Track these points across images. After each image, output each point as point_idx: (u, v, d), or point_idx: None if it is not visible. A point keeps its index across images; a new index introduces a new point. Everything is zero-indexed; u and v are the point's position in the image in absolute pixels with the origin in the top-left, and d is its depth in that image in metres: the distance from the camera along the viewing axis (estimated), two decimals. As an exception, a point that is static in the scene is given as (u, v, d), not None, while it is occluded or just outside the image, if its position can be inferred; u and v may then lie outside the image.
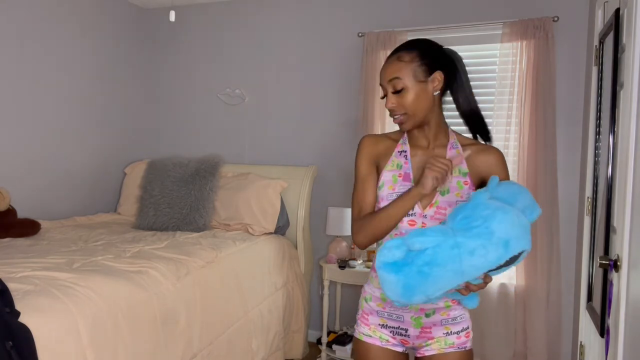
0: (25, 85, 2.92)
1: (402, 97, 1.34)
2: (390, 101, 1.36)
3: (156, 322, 1.90)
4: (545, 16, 2.69)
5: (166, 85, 3.79)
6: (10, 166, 2.84)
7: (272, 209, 3.07)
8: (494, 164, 1.39)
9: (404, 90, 1.34)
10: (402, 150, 1.44)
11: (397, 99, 1.35)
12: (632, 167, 1.28)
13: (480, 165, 1.39)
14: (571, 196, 2.76)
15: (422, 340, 1.40)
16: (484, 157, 1.39)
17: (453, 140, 1.42)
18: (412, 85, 1.33)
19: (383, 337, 1.42)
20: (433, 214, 1.35)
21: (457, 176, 1.36)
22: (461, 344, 1.39)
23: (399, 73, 1.34)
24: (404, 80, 1.33)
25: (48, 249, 2.27)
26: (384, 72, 1.37)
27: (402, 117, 1.36)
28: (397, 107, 1.35)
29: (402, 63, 1.35)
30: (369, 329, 1.44)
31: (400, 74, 1.34)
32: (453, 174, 1.35)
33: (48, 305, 1.55)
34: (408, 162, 1.40)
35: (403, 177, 1.39)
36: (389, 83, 1.35)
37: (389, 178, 1.40)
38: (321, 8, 3.32)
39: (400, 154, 1.43)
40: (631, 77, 1.31)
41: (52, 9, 3.07)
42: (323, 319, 2.96)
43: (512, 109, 2.77)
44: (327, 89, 3.29)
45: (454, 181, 1.36)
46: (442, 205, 1.35)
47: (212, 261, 2.38)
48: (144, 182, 3.22)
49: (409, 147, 1.43)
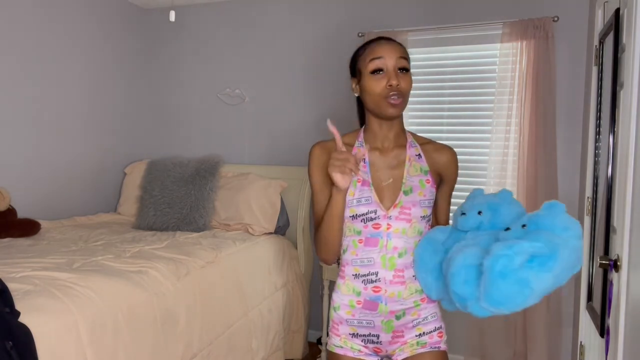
0: (24, 86, 2.92)
1: (405, 78, 1.30)
2: (396, 79, 1.28)
3: (156, 322, 1.90)
4: (545, 16, 2.69)
5: (166, 85, 3.79)
6: (10, 166, 2.83)
7: (272, 209, 3.07)
8: (449, 161, 1.41)
9: (408, 73, 1.31)
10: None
11: (401, 79, 1.29)
12: (632, 167, 1.28)
13: (438, 162, 1.40)
14: (571, 196, 2.76)
15: (394, 345, 1.37)
16: (439, 155, 1.41)
17: (410, 140, 1.41)
18: (410, 73, 1.34)
19: (355, 347, 1.39)
20: (397, 214, 1.32)
21: (419, 175, 1.36)
22: (434, 343, 1.37)
23: (407, 55, 1.33)
24: (409, 64, 1.32)
25: (48, 249, 2.27)
26: (393, 49, 1.31)
27: (401, 99, 1.30)
28: (401, 87, 1.29)
29: (404, 49, 1.35)
30: (340, 340, 1.40)
31: (408, 57, 1.33)
32: (411, 173, 1.35)
33: (48, 305, 1.55)
34: (366, 166, 1.37)
35: (362, 182, 1.34)
36: (399, 60, 1.30)
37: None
38: (321, 8, 3.32)
39: None
40: (631, 77, 1.31)
41: (51, 9, 3.07)
42: (323, 319, 2.96)
43: (512, 109, 2.77)
44: (327, 89, 3.29)
45: (416, 180, 1.35)
46: (406, 205, 1.33)
47: (212, 261, 2.38)
48: (144, 182, 3.22)
49: (366, 150, 1.39)
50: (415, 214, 1.33)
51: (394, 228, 1.32)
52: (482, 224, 1.28)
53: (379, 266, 1.33)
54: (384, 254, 1.33)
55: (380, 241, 1.33)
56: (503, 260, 1.08)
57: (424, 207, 1.35)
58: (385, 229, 1.32)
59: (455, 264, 1.19)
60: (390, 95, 1.29)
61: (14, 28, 2.84)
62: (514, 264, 1.07)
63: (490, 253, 1.11)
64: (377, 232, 1.33)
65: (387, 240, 1.32)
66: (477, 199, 1.32)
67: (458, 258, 1.19)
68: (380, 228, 1.32)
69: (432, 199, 1.37)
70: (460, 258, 1.19)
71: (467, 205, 1.32)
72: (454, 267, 1.19)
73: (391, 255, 1.33)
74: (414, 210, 1.33)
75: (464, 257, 1.18)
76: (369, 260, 1.34)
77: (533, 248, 1.08)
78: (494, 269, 1.09)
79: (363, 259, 1.35)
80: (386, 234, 1.32)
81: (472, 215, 1.28)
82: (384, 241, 1.33)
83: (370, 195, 1.34)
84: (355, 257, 1.36)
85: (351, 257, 1.37)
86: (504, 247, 1.10)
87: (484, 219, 1.27)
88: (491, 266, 1.09)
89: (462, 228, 1.30)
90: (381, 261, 1.33)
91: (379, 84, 1.30)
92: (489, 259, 1.10)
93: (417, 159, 1.38)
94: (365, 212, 1.33)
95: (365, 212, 1.33)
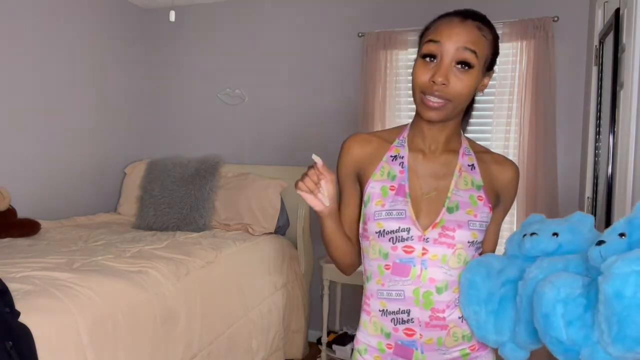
0: (24, 86, 2.92)
1: (460, 77, 0.98)
2: (445, 74, 0.97)
3: (156, 322, 1.90)
4: (545, 16, 2.69)
5: (166, 85, 3.79)
6: (11, 166, 2.83)
7: (272, 209, 3.07)
8: (511, 180, 1.11)
9: (470, 70, 0.98)
10: (397, 154, 1.11)
11: (453, 76, 0.98)
12: (632, 167, 1.28)
13: (497, 178, 1.11)
14: (571, 196, 2.76)
15: None
16: (501, 170, 1.11)
17: (465, 146, 1.12)
18: (478, 71, 1.00)
19: None
20: (437, 236, 1.02)
21: (469, 189, 1.07)
22: None
23: (476, 46, 0.99)
24: (478, 58, 0.99)
25: (48, 249, 2.27)
26: (459, 34, 0.98)
27: (443, 102, 0.99)
28: (448, 86, 0.98)
29: (483, 38, 1.01)
30: None
31: (478, 48, 0.99)
32: (460, 186, 1.07)
33: (48, 305, 1.55)
34: (404, 171, 1.08)
35: (396, 191, 1.06)
36: (460, 51, 0.97)
37: (376, 190, 1.07)
38: (321, 8, 3.32)
39: (393, 159, 1.10)
40: (631, 77, 1.31)
41: (51, 9, 3.07)
42: (323, 319, 2.96)
43: (512, 109, 2.77)
44: (327, 89, 3.29)
45: (465, 195, 1.06)
46: (448, 226, 1.03)
47: (212, 261, 2.38)
48: (144, 182, 3.23)
49: (407, 152, 1.10)
50: (461, 238, 1.03)
51: (431, 254, 1.02)
52: (561, 248, 0.96)
53: (411, 302, 1.03)
54: (417, 287, 1.03)
55: (412, 270, 1.03)
56: (634, 279, 0.76)
57: (474, 230, 1.04)
58: (419, 255, 1.02)
59: (544, 301, 0.86)
60: (429, 95, 0.99)
61: (14, 29, 2.84)
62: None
63: (608, 274, 0.78)
64: (408, 258, 1.03)
65: (422, 269, 1.02)
66: (547, 221, 1.02)
67: (547, 291, 0.86)
68: (413, 253, 1.03)
69: (484, 221, 1.06)
70: (551, 291, 0.86)
71: (536, 228, 1.00)
72: (544, 305, 0.86)
73: (426, 290, 1.02)
74: (459, 233, 1.03)
75: (556, 290, 0.86)
76: (398, 293, 1.04)
77: None
78: (622, 296, 0.76)
79: (391, 291, 1.05)
80: (420, 261, 1.02)
81: (545, 237, 0.97)
82: (418, 270, 1.03)
83: (404, 208, 1.04)
84: (381, 287, 1.07)
85: (377, 288, 1.07)
86: (627, 261, 0.77)
87: (562, 241, 0.96)
88: (617, 292, 0.77)
89: (530, 252, 0.98)
90: (414, 296, 1.03)
91: (423, 74, 1.00)
92: (609, 282, 0.78)
93: (469, 170, 1.09)
94: (396, 229, 1.04)
95: (396, 228, 1.04)
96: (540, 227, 0.99)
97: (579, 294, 0.85)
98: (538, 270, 0.93)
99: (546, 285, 0.87)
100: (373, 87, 3.03)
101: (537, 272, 0.92)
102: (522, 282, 0.94)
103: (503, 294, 0.99)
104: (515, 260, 1.02)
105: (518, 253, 1.01)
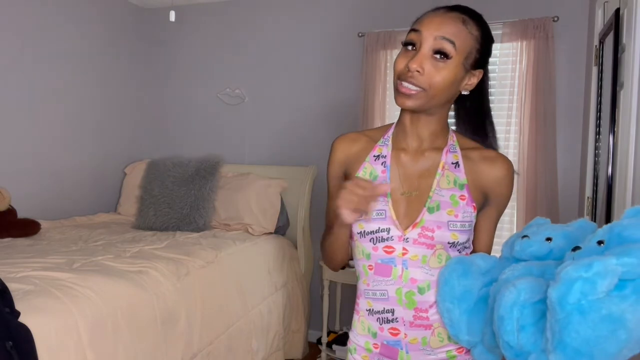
0: (24, 86, 2.92)
1: (437, 66, 0.97)
2: (420, 62, 0.96)
3: (156, 322, 1.90)
4: (545, 16, 2.69)
5: (166, 85, 3.79)
6: (11, 166, 2.83)
7: (272, 209, 3.07)
8: (502, 177, 1.06)
9: (447, 61, 0.97)
10: (380, 154, 1.10)
11: (429, 65, 0.96)
12: (632, 167, 1.28)
13: (484, 176, 1.05)
14: (571, 196, 2.76)
15: None
16: (489, 167, 1.06)
17: (452, 142, 1.09)
18: (456, 63, 0.98)
19: None
20: (417, 236, 1.01)
21: (451, 188, 1.04)
22: None
23: (456, 38, 0.97)
24: (457, 50, 0.97)
25: (48, 249, 2.27)
26: (439, 23, 0.98)
27: (417, 90, 0.97)
28: (423, 74, 0.96)
29: (465, 31, 0.99)
30: None
31: (458, 40, 0.97)
32: (442, 185, 1.04)
33: (48, 305, 1.55)
34: (386, 171, 1.07)
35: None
36: (437, 40, 0.97)
37: None
38: (321, 8, 3.32)
39: (376, 159, 1.09)
40: (631, 77, 1.31)
41: (51, 9, 3.07)
42: (323, 319, 2.96)
43: (512, 109, 2.77)
44: (327, 89, 3.29)
45: (447, 195, 1.03)
46: (428, 226, 1.01)
47: (212, 261, 2.38)
48: (144, 182, 3.23)
49: (390, 151, 1.09)
50: (440, 238, 1.01)
51: (411, 254, 1.02)
52: (552, 253, 0.91)
53: (394, 302, 1.04)
54: (399, 287, 1.04)
55: (394, 270, 1.03)
56: (579, 286, 0.72)
57: (454, 230, 1.02)
58: (399, 255, 1.03)
59: (503, 302, 0.83)
60: (403, 81, 0.98)
61: (14, 29, 2.84)
62: (597, 290, 0.71)
63: (557, 279, 0.74)
64: (389, 258, 1.03)
65: (403, 269, 1.03)
66: (545, 225, 0.98)
67: (506, 294, 0.83)
68: (394, 253, 1.03)
69: (467, 221, 1.03)
70: (511, 293, 0.83)
71: (531, 231, 0.97)
72: (502, 307, 0.83)
73: (409, 290, 1.03)
74: (438, 234, 1.01)
75: (517, 292, 0.82)
76: (382, 293, 1.06)
77: (623, 266, 0.72)
78: (565, 302, 0.72)
79: (375, 290, 1.06)
80: (401, 261, 1.03)
81: (538, 240, 0.93)
82: (399, 271, 1.03)
83: (385, 208, 1.04)
84: (367, 287, 1.08)
85: (363, 287, 1.09)
86: (577, 267, 0.73)
87: (554, 246, 0.91)
88: (560, 298, 0.73)
89: (519, 255, 0.95)
90: (397, 296, 1.04)
91: (401, 61, 1.00)
92: (555, 287, 0.74)
93: (452, 168, 1.06)
94: (376, 230, 1.04)
95: (376, 229, 1.04)
96: (536, 231, 0.96)
97: (540, 299, 0.81)
98: (510, 273, 0.90)
99: (508, 288, 0.84)
100: (373, 87, 3.03)
101: (510, 274, 0.90)
102: (495, 284, 0.93)
103: (483, 295, 0.96)
104: (505, 262, 0.99)
105: (509, 255, 0.99)
